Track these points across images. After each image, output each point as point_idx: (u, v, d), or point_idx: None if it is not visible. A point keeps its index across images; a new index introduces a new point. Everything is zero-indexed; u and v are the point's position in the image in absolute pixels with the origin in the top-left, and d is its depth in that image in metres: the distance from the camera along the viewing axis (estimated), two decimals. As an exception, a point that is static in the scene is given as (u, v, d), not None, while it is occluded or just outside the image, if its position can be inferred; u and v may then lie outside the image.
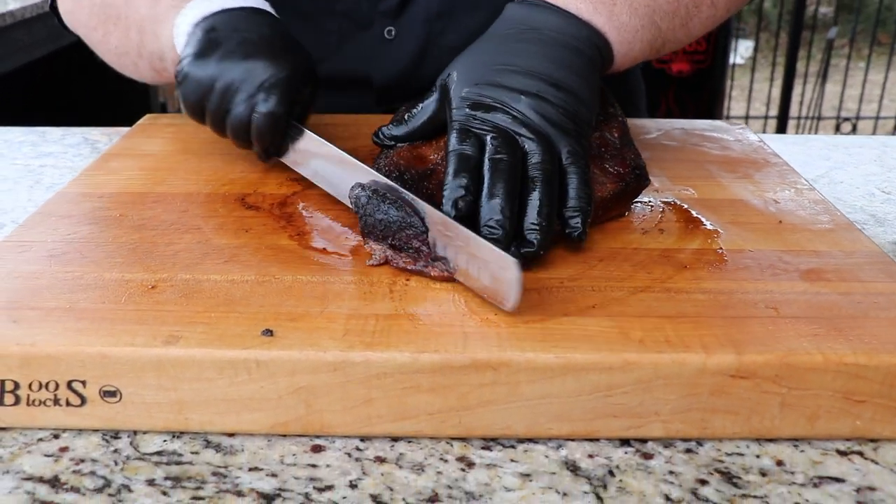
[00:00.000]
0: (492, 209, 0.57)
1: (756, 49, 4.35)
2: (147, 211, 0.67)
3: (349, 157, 0.65)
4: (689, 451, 0.50)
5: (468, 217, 0.57)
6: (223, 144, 0.82)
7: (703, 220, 0.67)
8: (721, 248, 0.62)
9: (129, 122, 0.93)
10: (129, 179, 0.73)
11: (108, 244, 0.61)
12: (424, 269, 0.56)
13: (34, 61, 2.06)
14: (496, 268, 0.52)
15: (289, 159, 0.72)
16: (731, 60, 3.28)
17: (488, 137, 0.60)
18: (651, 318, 0.52)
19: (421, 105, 0.67)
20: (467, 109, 0.62)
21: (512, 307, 0.51)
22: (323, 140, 0.68)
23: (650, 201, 0.70)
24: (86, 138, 1.02)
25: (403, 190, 0.59)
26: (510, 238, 0.57)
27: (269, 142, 0.71)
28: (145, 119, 0.91)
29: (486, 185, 0.58)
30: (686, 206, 0.69)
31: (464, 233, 0.55)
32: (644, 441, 0.51)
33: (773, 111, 3.81)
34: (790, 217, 0.68)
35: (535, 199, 0.58)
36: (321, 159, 0.69)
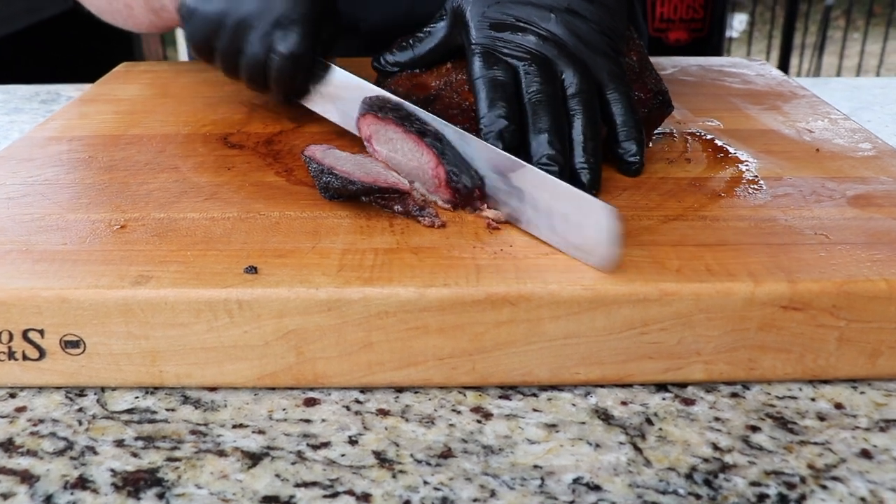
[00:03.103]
0: (542, 144, 0.51)
1: (752, 23, 4.27)
2: (119, 152, 0.60)
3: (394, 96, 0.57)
4: (734, 395, 0.44)
5: (513, 149, 0.51)
6: (205, 88, 0.75)
7: (732, 149, 0.60)
8: (756, 176, 0.56)
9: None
10: (101, 123, 0.67)
11: (74, 185, 0.54)
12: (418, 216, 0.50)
13: (14, 33, 1.98)
14: (582, 217, 0.44)
15: (313, 102, 0.63)
16: (727, 34, 3.21)
17: (521, 65, 0.54)
18: (687, 246, 0.46)
19: (428, 29, 0.60)
20: (490, 31, 0.56)
21: (608, 262, 0.43)
22: (357, 77, 0.60)
23: (672, 132, 0.64)
24: (60, 94, 0.96)
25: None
26: (566, 174, 0.52)
27: (289, 85, 0.62)
28: (121, 66, 0.85)
29: (530, 118, 0.52)
30: (712, 137, 0.63)
31: (544, 180, 0.47)
32: (683, 385, 0.45)
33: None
34: (828, 145, 0.61)
35: (578, 134, 0.53)
36: (354, 100, 0.59)
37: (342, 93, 0.61)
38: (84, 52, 2.09)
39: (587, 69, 0.55)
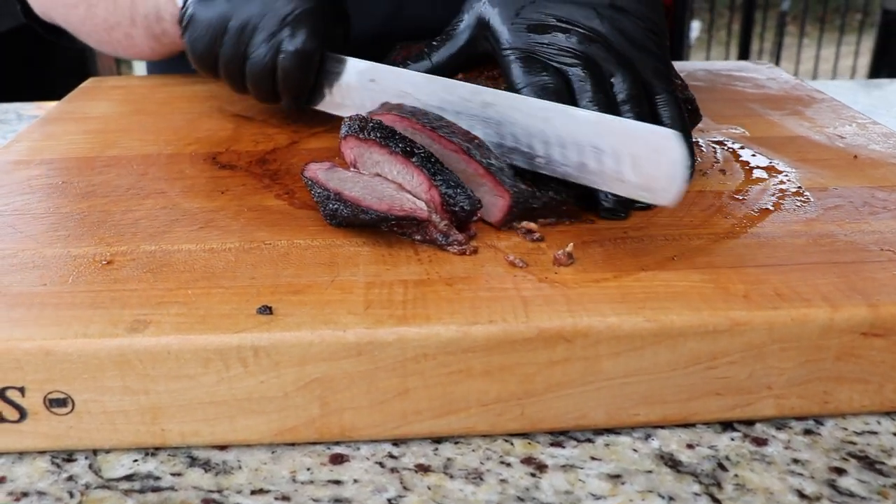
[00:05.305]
0: None
1: (710, 30, 4.31)
2: (96, 177, 0.54)
3: (426, 74, 0.53)
4: (808, 432, 0.40)
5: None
6: (183, 103, 0.70)
7: (766, 158, 0.56)
8: (800, 187, 0.51)
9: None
10: (71, 144, 0.61)
11: (49, 216, 0.48)
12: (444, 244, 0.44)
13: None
14: (648, 150, 0.43)
15: (327, 103, 0.60)
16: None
17: (570, 70, 0.49)
18: (748, 268, 0.41)
19: (446, 35, 0.55)
20: (528, 34, 0.51)
21: (674, 198, 0.42)
22: (377, 64, 0.56)
23: (698, 141, 0.60)
24: (19, 114, 0.89)
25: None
26: None
27: (300, 87, 0.59)
28: (88, 82, 0.78)
29: None
30: (741, 145, 0.59)
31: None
32: (750, 423, 0.40)
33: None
34: (864, 152, 0.58)
35: None
36: (378, 89, 0.55)
37: (356, 82, 0.57)
38: (36, 70, 2.01)
39: (635, 69, 0.50)
